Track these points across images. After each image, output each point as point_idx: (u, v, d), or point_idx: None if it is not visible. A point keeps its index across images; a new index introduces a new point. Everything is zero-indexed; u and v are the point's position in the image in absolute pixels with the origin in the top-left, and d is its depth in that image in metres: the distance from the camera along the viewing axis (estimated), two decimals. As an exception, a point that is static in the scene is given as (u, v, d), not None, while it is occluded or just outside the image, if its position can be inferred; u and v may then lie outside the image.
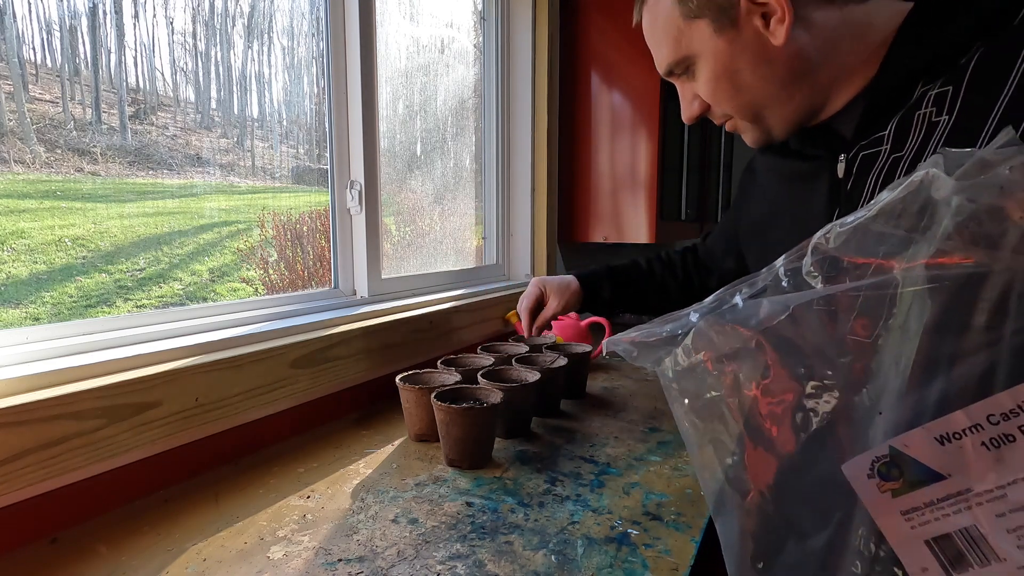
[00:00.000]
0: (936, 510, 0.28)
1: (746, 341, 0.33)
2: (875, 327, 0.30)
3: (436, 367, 0.89)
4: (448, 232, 1.39)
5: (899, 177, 0.39)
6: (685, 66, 0.56)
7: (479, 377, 0.83)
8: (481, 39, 1.48)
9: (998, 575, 0.27)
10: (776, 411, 0.33)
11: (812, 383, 0.32)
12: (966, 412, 0.27)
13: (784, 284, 0.33)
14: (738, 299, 0.34)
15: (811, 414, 0.32)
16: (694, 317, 0.35)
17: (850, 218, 0.32)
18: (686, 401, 0.36)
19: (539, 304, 0.98)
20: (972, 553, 0.27)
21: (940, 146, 0.43)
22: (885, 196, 0.31)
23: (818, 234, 0.32)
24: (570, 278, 0.97)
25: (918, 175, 0.30)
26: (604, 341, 0.40)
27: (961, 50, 0.44)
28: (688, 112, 0.61)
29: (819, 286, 0.31)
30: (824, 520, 0.33)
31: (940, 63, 0.45)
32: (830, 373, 0.31)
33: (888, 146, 0.48)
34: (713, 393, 0.35)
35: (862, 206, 0.32)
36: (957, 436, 0.27)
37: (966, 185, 0.28)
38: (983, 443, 0.27)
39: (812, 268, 0.32)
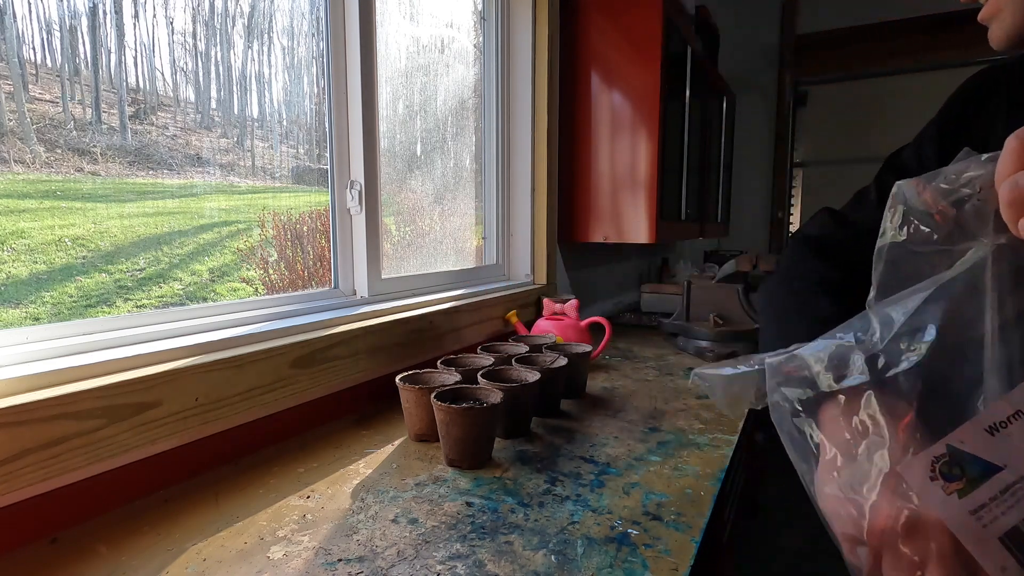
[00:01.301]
0: (1001, 503, 0.27)
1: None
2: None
3: (436, 367, 0.89)
4: (448, 232, 1.39)
5: None
6: None
7: (479, 377, 0.83)
8: (481, 39, 1.48)
9: None
10: None
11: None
12: (1007, 399, 0.28)
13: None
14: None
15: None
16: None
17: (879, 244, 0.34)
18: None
19: None
20: None
21: None
22: (885, 219, 0.33)
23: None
24: None
25: (893, 195, 0.32)
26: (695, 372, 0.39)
27: None
28: None
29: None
30: None
31: None
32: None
33: None
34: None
35: None
36: (1003, 425, 0.28)
37: (933, 188, 0.30)
38: None
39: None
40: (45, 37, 0.71)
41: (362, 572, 0.50)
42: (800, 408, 0.35)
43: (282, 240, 1.04)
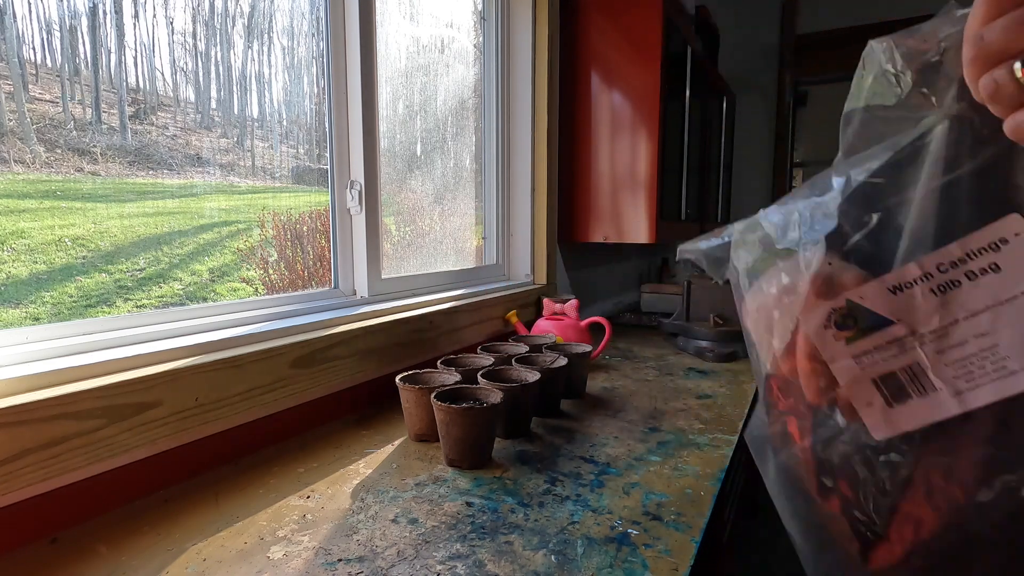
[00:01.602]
0: (884, 351, 0.30)
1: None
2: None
3: (436, 367, 0.89)
4: (448, 232, 1.39)
5: None
6: None
7: (479, 377, 0.83)
8: (481, 39, 1.48)
9: (931, 403, 0.29)
10: None
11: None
12: (918, 263, 0.29)
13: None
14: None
15: None
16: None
17: (847, 109, 0.34)
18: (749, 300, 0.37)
19: None
20: (912, 386, 0.30)
21: None
22: (855, 80, 0.33)
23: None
24: None
25: (864, 55, 0.32)
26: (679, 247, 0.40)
27: None
28: None
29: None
30: None
31: None
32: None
33: None
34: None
35: None
36: (909, 285, 0.29)
37: (904, 49, 0.30)
38: (931, 290, 0.29)
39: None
40: (45, 37, 0.71)
41: (362, 572, 0.50)
42: (748, 269, 0.37)
43: (282, 240, 1.04)
